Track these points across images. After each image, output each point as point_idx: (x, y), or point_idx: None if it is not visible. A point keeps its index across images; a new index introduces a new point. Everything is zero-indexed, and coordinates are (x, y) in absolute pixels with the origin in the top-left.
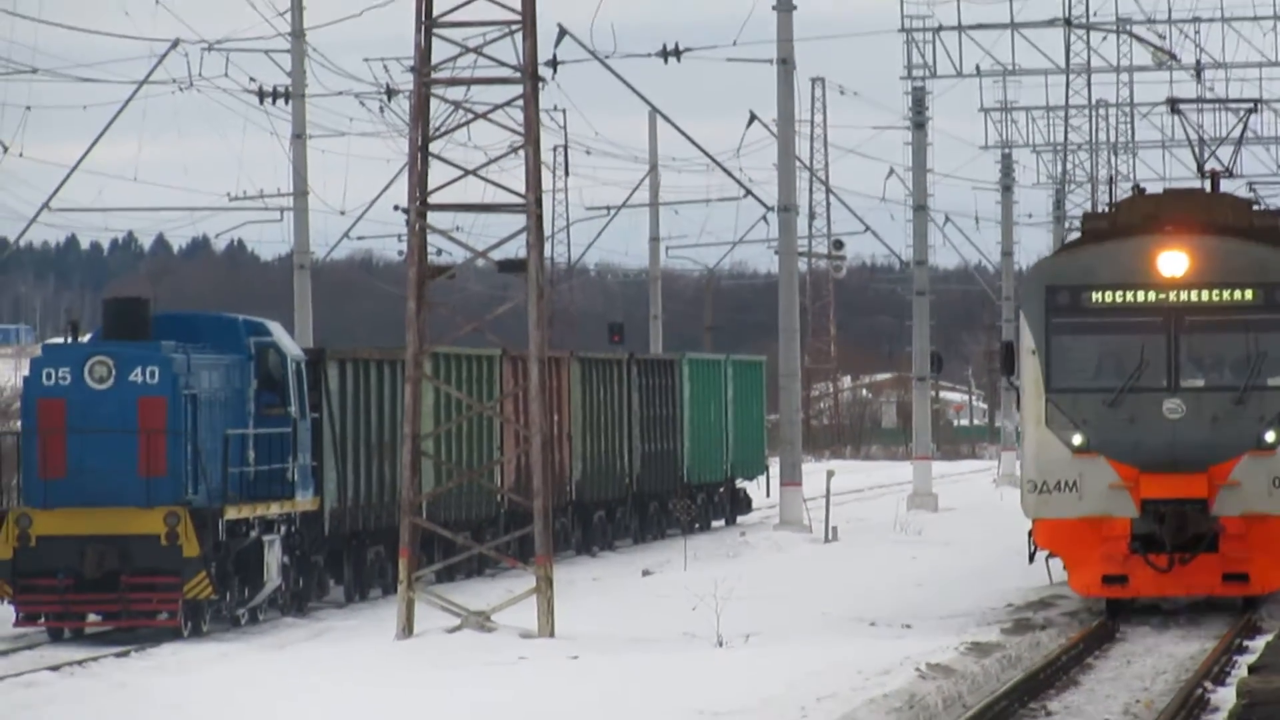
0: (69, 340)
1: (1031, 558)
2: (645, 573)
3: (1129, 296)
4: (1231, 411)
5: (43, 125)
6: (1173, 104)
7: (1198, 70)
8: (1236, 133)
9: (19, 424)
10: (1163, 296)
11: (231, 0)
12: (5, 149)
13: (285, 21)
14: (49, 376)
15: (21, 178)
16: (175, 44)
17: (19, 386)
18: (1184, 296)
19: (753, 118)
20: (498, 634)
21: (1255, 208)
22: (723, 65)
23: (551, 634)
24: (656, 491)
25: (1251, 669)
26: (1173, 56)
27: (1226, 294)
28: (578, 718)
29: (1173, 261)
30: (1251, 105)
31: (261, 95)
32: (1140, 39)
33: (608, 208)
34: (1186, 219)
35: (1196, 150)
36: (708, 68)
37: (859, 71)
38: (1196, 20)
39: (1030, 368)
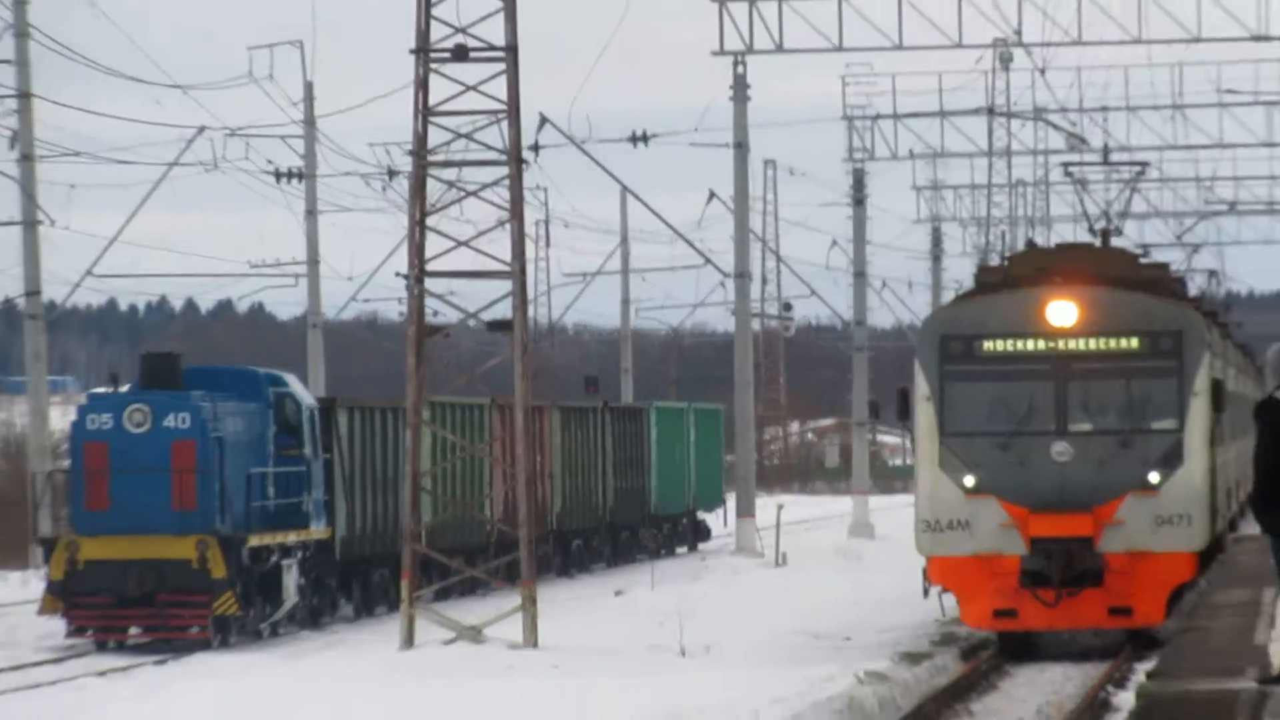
0: (111, 390)
1: (926, 593)
2: (617, 593)
3: (1019, 345)
4: (1117, 454)
5: (85, 202)
6: (1066, 167)
7: (1105, 153)
8: (1128, 193)
9: (68, 463)
10: (1051, 345)
11: (251, 92)
12: (53, 222)
13: (298, 110)
14: (93, 422)
15: (67, 248)
16: (201, 130)
17: (68, 430)
18: (1071, 345)
19: (712, 195)
20: (488, 646)
21: (1141, 260)
22: (685, 149)
23: (535, 645)
24: (627, 522)
25: (1149, 675)
26: (1083, 140)
27: (1112, 342)
28: (558, 718)
29: (1061, 311)
30: (1140, 168)
31: (278, 175)
32: (1054, 125)
33: (584, 274)
34: (1075, 270)
35: (1086, 209)
36: (672, 151)
37: (806, 154)
38: (1104, 109)
39: (925, 413)
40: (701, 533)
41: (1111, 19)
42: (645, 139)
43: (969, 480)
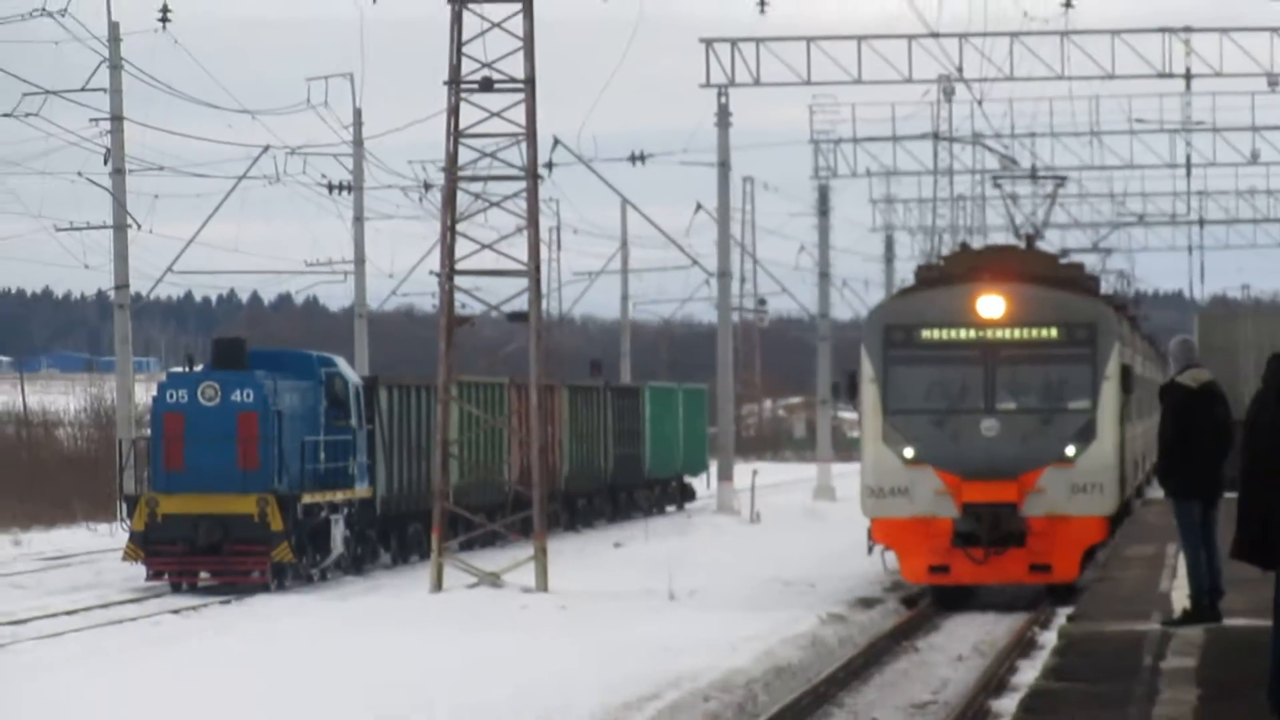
0: (187, 369)
1: (870, 550)
2: (616, 545)
3: (953, 334)
4: (1038, 430)
5: (167, 209)
6: (996, 180)
7: (1033, 172)
8: (1049, 203)
9: (150, 431)
10: (981, 334)
11: (308, 116)
12: (139, 227)
13: (349, 133)
14: (171, 396)
15: (151, 248)
16: (266, 149)
17: (150, 403)
18: (999, 334)
19: (699, 206)
20: (506, 590)
21: (1061, 261)
22: (676, 167)
23: (546, 590)
24: (625, 485)
25: (1069, 618)
26: (1014, 162)
27: (1034, 332)
28: (565, 653)
29: (990, 305)
30: (1060, 179)
31: (330, 188)
32: (990, 149)
33: (589, 273)
34: (1002, 269)
35: (1013, 217)
36: (665, 169)
37: (778, 172)
38: (1032, 135)
39: (870, 394)
40: (688, 494)
41: (1039, 59)
42: (643, 158)
43: (908, 452)
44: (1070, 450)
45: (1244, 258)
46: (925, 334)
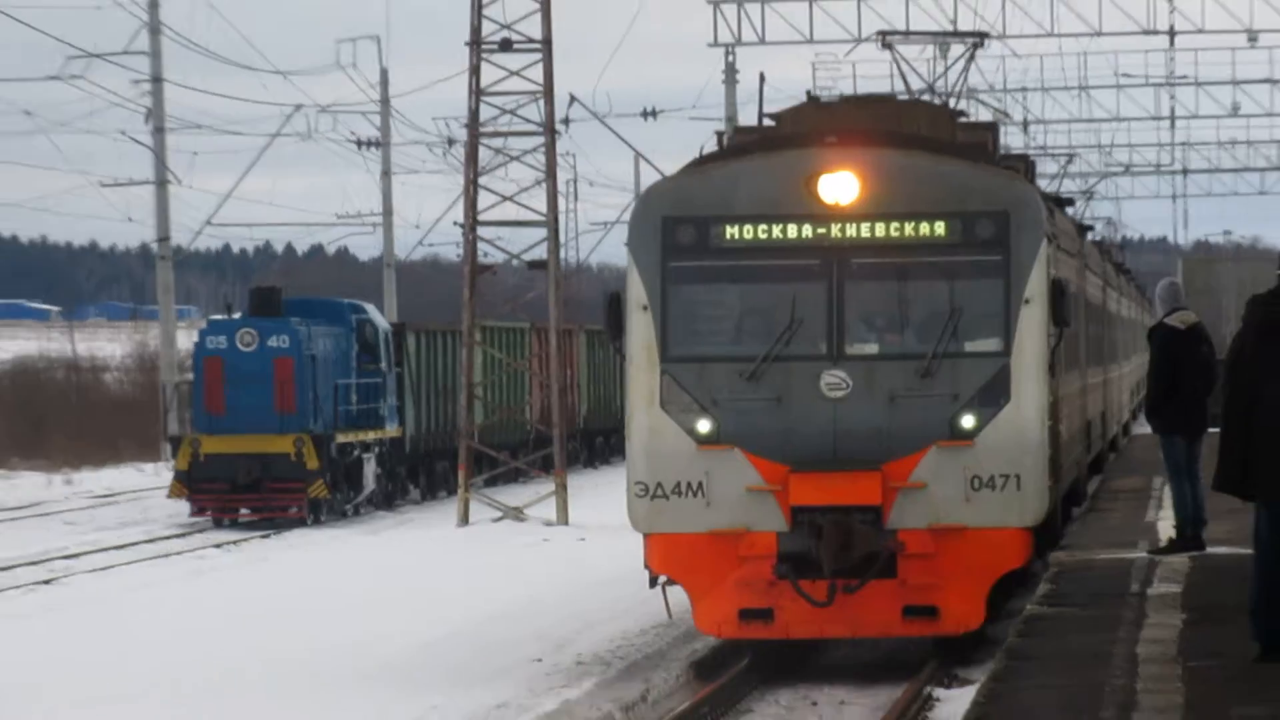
0: (226, 317)
1: (653, 583)
2: None
3: (776, 231)
4: (916, 388)
5: (206, 165)
6: (883, 36)
7: (1025, 125)
8: (962, 66)
9: (191, 375)
10: (823, 231)
11: (338, 76)
12: (180, 182)
13: (376, 91)
14: (212, 342)
15: (191, 203)
16: (298, 108)
17: (191, 349)
18: (852, 231)
19: None
20: (528, 523)
21: (962, 119)
22: (686, 122)
23: (567, 523)
24: None
25: (1059, 548)
26: (1007, 115)
27: (911, 227)
28: (587, 578)
29: (838, 183)
30: (979, 36)
31: (359, 144)
32: (983, 103)
33: (605, 223)
34: (862, 128)
35: (907, 82)
36: (675, 124)
37: None
38: (1024, 89)
39: (641, 328)
40: None
41: (1029, 17)
42: (654, 114)
43: (703, 425)
44: (968, 420)
45: (1225, 205)
46: (729, 231)
